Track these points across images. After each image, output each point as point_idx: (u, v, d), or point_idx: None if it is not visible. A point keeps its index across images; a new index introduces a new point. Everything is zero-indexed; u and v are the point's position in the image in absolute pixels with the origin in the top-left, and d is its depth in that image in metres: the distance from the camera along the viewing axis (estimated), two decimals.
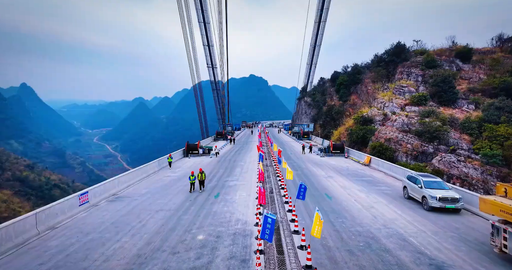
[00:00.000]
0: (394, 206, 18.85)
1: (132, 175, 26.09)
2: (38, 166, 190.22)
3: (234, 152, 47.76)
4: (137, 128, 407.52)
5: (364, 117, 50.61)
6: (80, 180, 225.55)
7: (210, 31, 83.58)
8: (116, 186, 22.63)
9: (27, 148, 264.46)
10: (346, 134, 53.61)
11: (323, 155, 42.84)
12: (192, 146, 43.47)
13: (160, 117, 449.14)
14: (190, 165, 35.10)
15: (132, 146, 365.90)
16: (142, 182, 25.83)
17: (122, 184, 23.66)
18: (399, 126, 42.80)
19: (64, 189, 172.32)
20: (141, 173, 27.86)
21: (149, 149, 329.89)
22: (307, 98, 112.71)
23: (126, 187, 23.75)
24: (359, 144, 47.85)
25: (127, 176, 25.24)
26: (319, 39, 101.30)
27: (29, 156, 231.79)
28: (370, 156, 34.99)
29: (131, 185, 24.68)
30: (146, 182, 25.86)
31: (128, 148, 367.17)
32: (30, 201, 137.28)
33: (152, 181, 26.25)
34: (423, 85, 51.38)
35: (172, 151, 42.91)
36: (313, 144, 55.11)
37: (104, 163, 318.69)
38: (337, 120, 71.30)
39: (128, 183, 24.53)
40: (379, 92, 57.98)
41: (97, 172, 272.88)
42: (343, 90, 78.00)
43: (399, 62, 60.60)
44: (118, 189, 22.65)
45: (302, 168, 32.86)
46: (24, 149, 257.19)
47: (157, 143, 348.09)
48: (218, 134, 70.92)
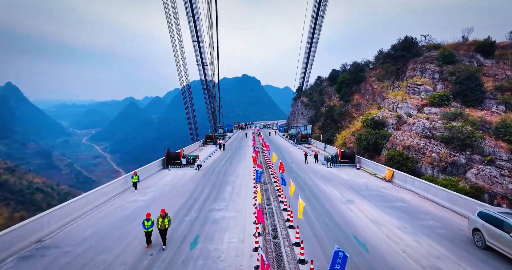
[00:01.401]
0: (470, 265, 12.02)
1: (85, 200, 18.95)
2: (20, 169, 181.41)
3: (224, 161, 40.65)
4: (128, 129, 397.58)
5: (375, 119, 43.93)
6: (67, 182, 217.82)
7: (199, 26, 76.86)
8: (48, 223, 15.44)
9: (12, 149, 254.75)
10: (353, 139, 46.87)
11: (331, 166, 35.99)
12: (173, 155, 36.23)
13: (151, 117, 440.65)
14: (168, 182, 27.93)
15: (122, 146, 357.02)
16: (94, 213, 18.60)
17: (61, 219, 16.46)
18: (419, 131, 36.16)
19: (47, 192, 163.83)
20: (98, 197, 20.65)
21: (141, 150, 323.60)
22: (303, 98, 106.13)
23: (66, 224, 16.53)
24: (371, 151, 41.16)
25: (77, 203, 18.15)
26: (316, 36, 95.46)
27: (13, 157, 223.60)
28: (392, 169, 28.18)
29: (76, 218, 17.47)
30: (100, 213, 18.64)
31: (118, 148, 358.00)
32: (9, 206, 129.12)
33: (109, 211, 19.02)
34: (441, 83, 44.92)
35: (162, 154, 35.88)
36: (315, 150, 48.38)
37: (93, 164, 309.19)
38: (339, 122, 64.64)
39: (72, 216, 17.31)
40: (389, 91, 51.45)
41: (85, 174, 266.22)
42: (345, 89, 71.47)
43: (409, 57, 54.16)
44: (50, 230, 15.43)
45: (309, 186, 25.93)
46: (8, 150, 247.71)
47: (149, 143, 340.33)
48: (207, 138, 63.71)
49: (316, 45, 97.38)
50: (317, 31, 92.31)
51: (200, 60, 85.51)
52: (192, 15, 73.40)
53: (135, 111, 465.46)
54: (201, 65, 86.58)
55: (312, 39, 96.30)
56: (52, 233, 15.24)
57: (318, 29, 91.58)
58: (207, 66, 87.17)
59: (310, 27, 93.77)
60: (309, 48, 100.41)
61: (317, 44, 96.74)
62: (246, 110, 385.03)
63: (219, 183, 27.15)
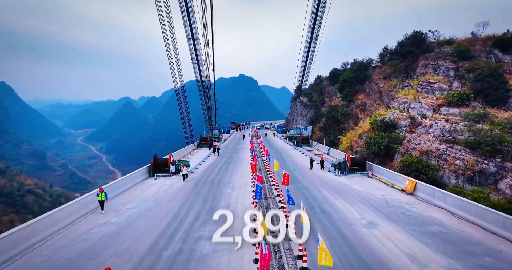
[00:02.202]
0: None
1: (34, 228, 14.70)
2: (12, 170, 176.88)
3: (218, 168, 36.41)
4: (124, 129, 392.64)
5: (385, 121, 39.87)
6: (60, 184, 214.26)
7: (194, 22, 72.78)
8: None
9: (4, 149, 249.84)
10: (361, 142, 42.78)
11: (339, 173, 31.85)
12: (161, 161, 31.95)
13: (147, 117, 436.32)
14: (151, 195, 23.67)
15: (118, 147, 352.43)
16: (44, 246, 14.30)
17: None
18: (438, 134, 32.14)
19: (39, 195, 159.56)
20: (56, 220, 16.40)
21: (136, 150, 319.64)
22: (303, 97, 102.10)
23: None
24: (381, 156, 37.08)
25: (25, 231, 13.97)
26: (315, 33, 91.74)
27: (6, 158, 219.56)
28: (414, 180, 24.03)
29: (16, 255, 13.19)
30: (52, 245, 14.32)
31: (114, 149, 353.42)
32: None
33: (66, 242, 14.66)
34: (457, 80, 40.94)
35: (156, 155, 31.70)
36: (320, 155, 44.34)
37: (88, 164, 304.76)
38: (342, 123, 60.61)
39: (9, 254, 13.02)
40: (398, 90, 47.45)
41: (80, 175, 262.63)
42: (348, 89, 67.45)
43: (419, 54, 50.15)
44: None
45: (319, 201, 21.78)
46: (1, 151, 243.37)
47: (145, 143, 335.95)
48: (201, 140, 59.48)
49: (316, 43, 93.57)
50: (317, 28, 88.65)
51: (195, 58, 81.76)
52: (186, 10, 69.42)
53: (131, 111, 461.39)
54: (196, 64, 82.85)
55: (312, 36, 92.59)
56: None
57: (317, 26, 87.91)
58: (202, 64, 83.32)
59: (310, 24, 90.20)
60: (308, 45, 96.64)
61: (316, 41, 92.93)
62: (243, 110, 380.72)
63: (211, 197, 22.95)
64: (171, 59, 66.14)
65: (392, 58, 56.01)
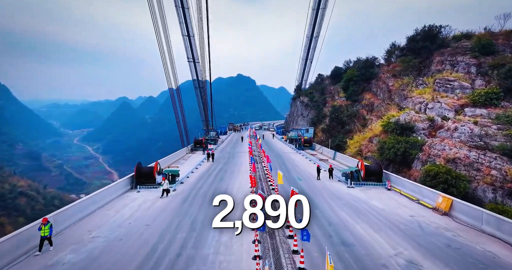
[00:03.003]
0: None
1: None
2: (5, 171, 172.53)
3: (213, 177, 31.97)
4: (121, 129, 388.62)
5: (401, 123, 35.52)
6: (55, 185, 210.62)
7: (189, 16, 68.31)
8: None
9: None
10: (373, 147, 38.42)
11: (352, 184, 27.49)
12: (145, 171, 27.51)
13: (144, 117, 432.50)
14: (127, 217, 19.19)
15: (115, 147, 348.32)
16: None
17: None
18: (465, 139, 27.82)
19: (32, 196, 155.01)
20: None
21: (134, 151, 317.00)
22: (303, 97, 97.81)
23: None
24: (397, 163, 32.73)
25: None
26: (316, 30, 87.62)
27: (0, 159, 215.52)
28: (450, 197, 19.62)
29: None
30: None
31: (111, 149, 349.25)
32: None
33: None
34: (480, 78, 36.65)
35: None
36: (323, 159, 40.06)
37: (84, 165, 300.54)
38: (348, 124, 56.31)
39: None
40: (411, 89, 43.11)
41: (76, 175, 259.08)
42: (353, 88, 63.18)
43: (434, 49, 45.87)
44: None
45: (335, 225, 17.40)
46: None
47: (142, 144, 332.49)
48: (196, 143, 55.01)
49: (317, 41, 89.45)
50: (318, 25, 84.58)
51: (191, 57, 77.59)
52: (181, 5, 65.21)
53: (128, 111, 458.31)
54: (192, 62, 78.70)
55: (313, 33, 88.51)
56: None
57: (319, 23, 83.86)
58: (198, 62, 79.16)
59: (311, 21, 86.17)
60: (309, 43, 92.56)
61: (317, 39, 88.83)
62: (241, 110, 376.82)
63: (201, 220, 18.51)
64: (164, 58, 60.84)
65: (402, 54, 51.69)
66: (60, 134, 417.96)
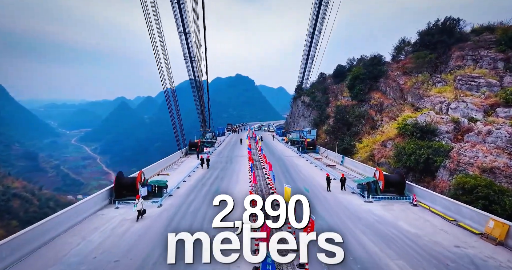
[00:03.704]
0: None
1: None
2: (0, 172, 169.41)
3: (207, 187, 27.76)
4: (119, 129, 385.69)
5: (420, 125, 31.38)
6: (52, 186, 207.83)
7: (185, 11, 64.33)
8: None
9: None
10: (387, 152, 34.27)
11: (370, 198, 23.35)
12: (126, 182, 23.31)
13: (143, 117, 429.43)
14: (90, 251, 14.78)
15: (113, 147, 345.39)
16: None
17: None
18: (503, 144, 23.71)
19: (26, 198, 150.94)
20: None
21: (132, 151, 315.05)
22: (304, 97, 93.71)
23: None
24: (417, 172, 28.59)
25: None
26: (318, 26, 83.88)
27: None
28: (507, 223, 15.42)
29: None
30: None
31: (109, 149, 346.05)
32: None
33: None
34: (510, 74, 32.54)
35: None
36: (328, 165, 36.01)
37: (81, 165, 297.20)
38: (355, 126, 52.20)
39: None
40: (428, 87, 39.00)
41: (73, 176, 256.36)
42: (359, 86, 59.07)
43: (452, 43, 41.77)
44: None
45: (362, 262, 13.22)
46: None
47: (140, 144, 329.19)
48: (191, 146, 50.75)
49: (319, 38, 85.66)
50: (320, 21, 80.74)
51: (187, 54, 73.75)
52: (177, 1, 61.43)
53: (127, 111, 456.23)
54: (188, 60, 74.83)
55: (314, 30, 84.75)
56: None
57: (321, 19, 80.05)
58: (195, 60, 75.23)
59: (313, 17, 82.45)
60: (310, 40, 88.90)
61: (319, 36, 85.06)
62: (240, 111, 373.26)
63: None
64: (158, 57, 55.59)
65: (415, 50, 47.55)
66: (57, 134, 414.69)
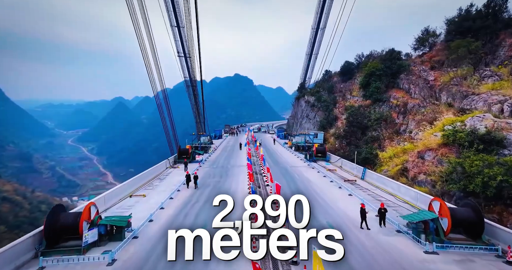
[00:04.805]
0: None
1: None
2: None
3: (192, 218, 19.86)
4: (116, 129, 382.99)
5: (480, 134, 23.39)
6: (47, 187, 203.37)
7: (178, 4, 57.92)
8: None
9: None
10: (427, 166, 26.24)
11: (433, 246, 15.38)
12: (66, 221, 15.26)
13: (140, 117, 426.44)
14: None
15: (110, 148, 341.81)
16: None
17: None
18: None
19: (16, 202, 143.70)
20: None
21: (129, 151, 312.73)
22: (308, 97, 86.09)
23: None
24: (486, 200, 20.60)
25: None
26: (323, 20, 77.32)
27: None
28: None
29: None
30: None
31: (106, 150, 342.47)
32: None
33: None
34: None
35: None
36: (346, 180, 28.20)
37: (78, 166, 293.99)
38: (374, 130, 44.34)
39: None
40: (474, 83, 31.12)
41: (69, 177, 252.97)
42: (376, 84, 51.21)
43: (499, 29, 33.92)
44: None
45: None
46: None
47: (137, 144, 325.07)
48: (181, 153, 42.77)
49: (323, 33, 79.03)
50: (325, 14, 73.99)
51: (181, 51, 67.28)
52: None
53: (124, 111, 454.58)
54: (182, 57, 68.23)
55: (319, 24, 77.88)
56: None
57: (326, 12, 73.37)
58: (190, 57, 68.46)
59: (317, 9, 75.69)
60: (314, 35, 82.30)
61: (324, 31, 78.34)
62: (239, 111, 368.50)
63: None
64: (147, 57, 46.24)
65: (450, 39, 39.63)
66: (54, 135, 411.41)
